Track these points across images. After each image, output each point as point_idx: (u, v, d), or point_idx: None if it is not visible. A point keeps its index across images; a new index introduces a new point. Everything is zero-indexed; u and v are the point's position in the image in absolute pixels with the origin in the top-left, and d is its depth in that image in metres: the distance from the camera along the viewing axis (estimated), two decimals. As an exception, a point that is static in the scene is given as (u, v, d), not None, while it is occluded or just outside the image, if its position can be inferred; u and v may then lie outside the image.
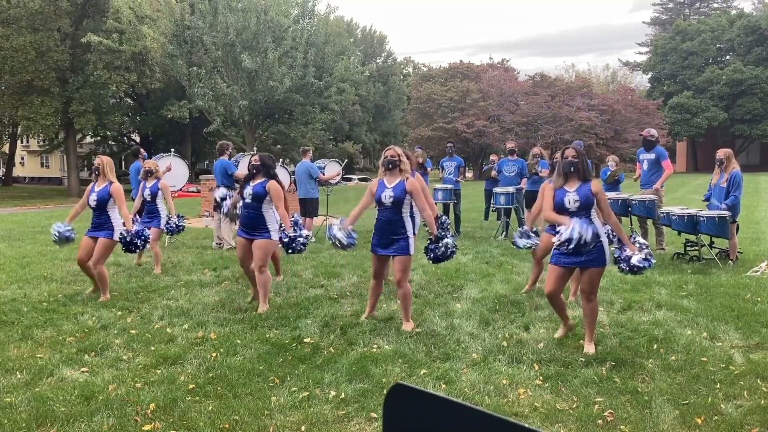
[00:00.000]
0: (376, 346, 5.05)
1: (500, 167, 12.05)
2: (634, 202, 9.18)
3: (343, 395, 4.05)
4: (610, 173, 11.04)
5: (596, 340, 4.96)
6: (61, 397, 4.03)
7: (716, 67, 49.26)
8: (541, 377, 4.34)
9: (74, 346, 5.09)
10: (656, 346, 4.94)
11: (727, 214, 8.18)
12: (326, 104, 32.40)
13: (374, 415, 3.76)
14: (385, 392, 1.92)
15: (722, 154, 8.66)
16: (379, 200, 5.50)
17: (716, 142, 43.21)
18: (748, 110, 46.45)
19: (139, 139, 43.58)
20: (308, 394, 4.08)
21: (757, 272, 7.74)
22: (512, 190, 11.27)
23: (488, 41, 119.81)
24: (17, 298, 6.81)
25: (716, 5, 62.40)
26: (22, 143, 55.36)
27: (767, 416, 3.70)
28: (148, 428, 3.62)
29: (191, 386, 4.21)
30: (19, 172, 58.74)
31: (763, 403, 3.88)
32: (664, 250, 9.45)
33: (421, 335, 5.31)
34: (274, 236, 6.21)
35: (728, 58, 51.33)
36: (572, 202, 4.74)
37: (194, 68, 27.87)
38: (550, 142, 42.54)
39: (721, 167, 8.62)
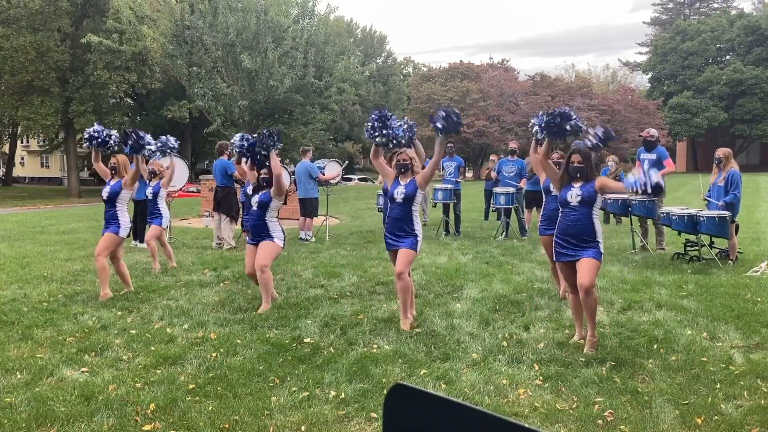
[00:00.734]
0: (376, 346, 5.05)
1: (500, 167, 12.06)
2: (634, 202, 9.19)
3: (343, 395, 4.05)
4: (609, 173, 11.05)
5: (597, 342, 4.95)
6: (61, 397, 4.03)
7: (716, 67, 49.24)
8: (541, 377, 4.34)
9: (74, 346, 5.09)
10: (656, 346, 4.94)
11: (727, 214, 8.19)
12: (326, 104, 32.37)
13: (374, 415, 3.76)
14: (385, 392, 1.92)
15: (721, 153, 8.67)
16: (391, 196, 5.75)
17: (716, 142, 43.15)
18: (748, 110, 46.44)
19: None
20: (308, 394, 4.08)
21: (757, 272, 7.74)
22: (512, 190, 11.27)
23: (488, 41, 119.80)
24: (17, 298, 6.81)
25: (716, 5, 62.40)
26: (22, 143, 55.37)
27: (767, 416, 3.71)
28: (148, 428, 3.62)
29: (191, 386, 4.22)
30: (19, 172, 58.75)
31: (763, 403, 3.88)
32: (664, 250, 9.45)
33: (421, 335, 5.32)
34: (278, 242, 6.40)
35: (728, 58, 51.31)
36: (574, 196, 4.95)
37: (194, 68, 27.86)
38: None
39: (719, 166, 8.63)
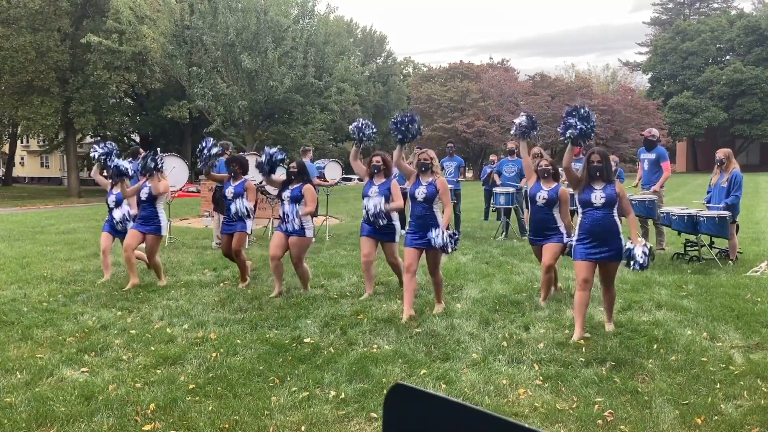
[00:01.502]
0: (376, 346, 5.05)
1: (500, 167, 12.06)
2: (634, 202, 9.17)
3: (343, 395, 4.05)
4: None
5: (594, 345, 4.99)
6: (61, 397, 4.03)
7: (716, 67, 49.24)
8: (541, 377, 4.34)
9: (74, 346, 5.09)
10: (656, 346, 4.94)
11: (727, 214, 8.18)
12: (326, 104, 32.41)
13: (374, 415, 3.76)
14: (385, 392, 1.92)
15: (722, 154, 8.65)
16: (412, 195, 6.03)
17: (716, 142, 43.20)
18: (748, 110, 46.44)
19: (139, 139, 43.55)
20: (308, 394, 4.08)
21: (757, 272, 7.74)
22: (512, 190, 11.27)
23: (488, 41, 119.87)
24: (17, 298, 6.81)
25: (716, 5, 62.40)
26: (22, 143, 55.37)
27: (767, 416, 3.71)
28: (148, 428, 3.62)
29: (191, 386, 4.22)
30: (19, 172, 58.75)
31: (763, 403, 3.88)
32: (664, 250, 9.45)
33: (421, 335, 5.32)
34: (308, 233, 6.84)
35: (728, 58, 51.32)
36: (599, 198, 5.22)
37: (194, 68, 27.86)
38: (550, 142, 42.56)
39: (720, 167, 8.62)
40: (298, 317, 5.88)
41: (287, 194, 6.86)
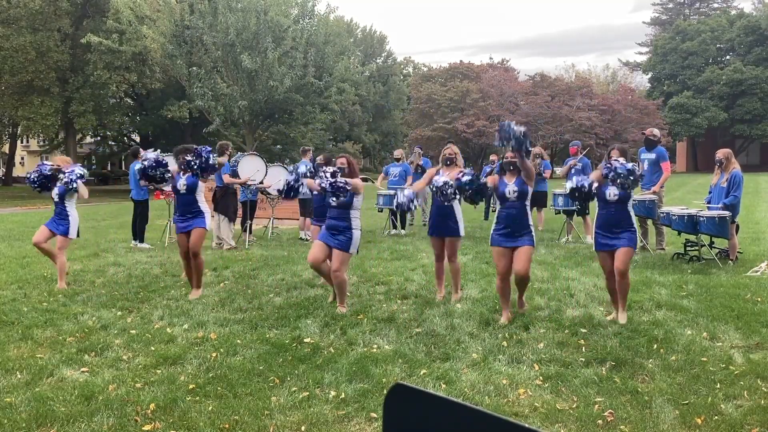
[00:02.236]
0: (376, 346, 5.05)
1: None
2: (634, 202, 9.16)
3: (343, 395, 4.05)
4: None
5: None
6: (61, 397, 4.03)
7: (716, 67, 49.22)
8: (541, 377, 4.34)
9: (74, 346, 5.09)
10: (656, 346, 4.94)
11: (727, 214, 8.18)
12: (326, 104, 32.41)
13: (374, 415, 3.76)
14: (385, 392, 1.92)
15: (722, 154, 8.65)
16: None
17: (716, 142, 43.19)
18: (748, 110, 46.42)
19: (139, 139, 43.53)
20: (308, 394, 4.08)
21: (757, 272, 7.73)
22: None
23: (488, 41, 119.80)
24: (17, 298, 6.81)
25: (716, 5, 62.39)
26: (22, 143, 55.35)
27: (767, 416, 3.70)
28: (148, 428, 3.62)
29: (191, 386, 4.22)
30: (19, 172, 58.70)
31: (763, 403, 3.88)
32: (664, 250, 9.45)
33: (421, 335, 5.32)
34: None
35: (728, 58, 51.30)
36: (612, 195, 5.64)
37: (194, 68, 27.86)
38: (550, 142, 42.57)
39: (720, 167, 8.62)
40: (298, 317, 5.88)
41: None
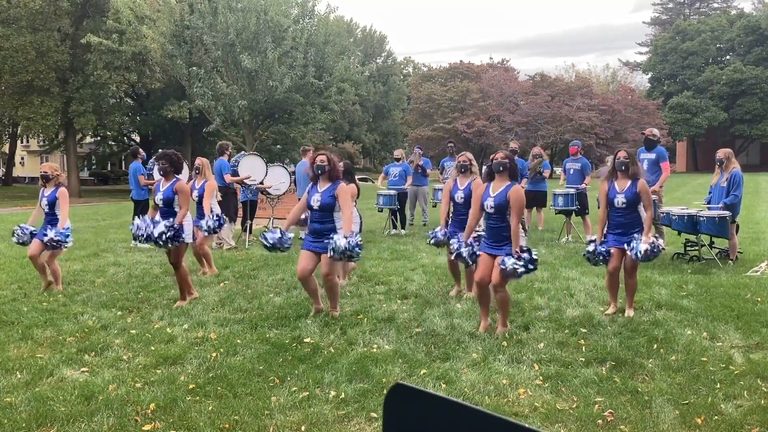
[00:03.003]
0: (376, 346, 5.05)
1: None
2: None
3: (343, 395, 4.05)
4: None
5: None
6: (61, 397, 4.03)
7: (716, 67, 49.23)
8: (541, 377, 4.34)
9: (74, 346, 5.09)
10: (656, 346, 4.94)
11: (727, 214, 8.18)
12: (326, 104, 32.38)
13: (374, 415, 3.76)
14: (385, 392, 1.92)
15: (722, 154, 8.65)
16: (453, 199, 6.10)
17: (716, 142, 43.18)
18: (748, 110, 46.42)
19: (139, 139, 43.53)
20: (308, 394, 4.08)
21: (757, 272, 7.73)
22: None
23: (488, 41, 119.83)
24: (17, 298, 6.82)
25: (716, 5, 62.39)
26: (22, 143, 55.32)
27: (767, 416, 3.71)
28: (148, 428, 3.62)
29: (191, 386, 4.22)
30: (19, 172, 58.69)
31: (763, 403, 3.88)
32: (664, 249, 9.44)
33: (421, 335, 5.32)
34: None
35: (728, 58, 51.31)
36: (620, 203, 5.79)
37: (194, 68, 27.85)
38: (550, 142, 42.54)
39: (721, 167, 8.62)
40: (298, 317, 5.88)
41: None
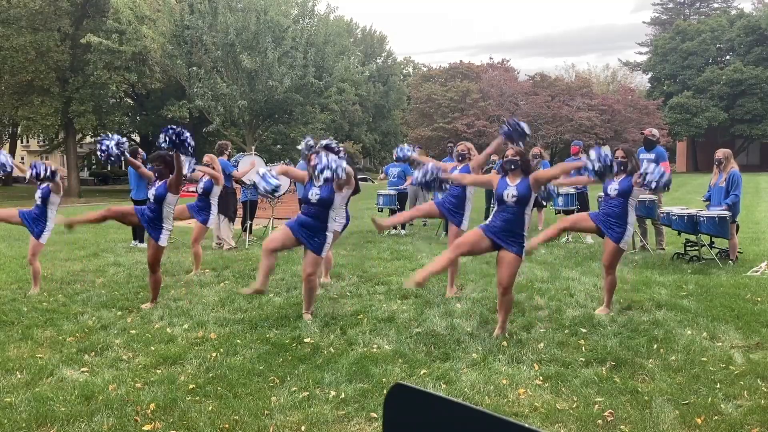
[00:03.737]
0: (376, 346, 5.05)
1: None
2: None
3: (343, 395, 4.05)
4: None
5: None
6: (61, 397, 4.03)
7: (716, 67, 49.24)
8: (541, 377, 4.34)
9: (74, 346, 5.09)
10: (656, 346, 4.94)
11: (727, 214, 8.18)
12: (326, 104, 32.38)
13: (374, 415, 3.76)
14: (385, 392, 1.92)
15: (721, 154, 8.66)
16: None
17: (716, 142, 43.16)
18: (748, 110, 46.42)
19: (139, 139, 43.54)
20: (308, 394, 4.08)
21: (757, 272, 7.73)
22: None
23: (488, 41, 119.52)
24: (17, 298, 6.81)
25: (716, 5, 62.36)
26: (22, 143, 55.30)
27: (767, 416, 3.70)
28: (148, 428, 3.62)
29: (191, 386, 4.22)
30: (19, 172, 58.60)
31: (763, 403, 3.88)
32: (664, 250, 9.45)
33: (421, 335, 5.31)
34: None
35: (728, 58, 51.31)
36: (612, 190, 5.91)
37: (194, 68, 27.85)
38: (550, 142, 42.56)
39: (719, 167, 8.62)
40: (298, 317, 5.88)
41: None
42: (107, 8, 31.22)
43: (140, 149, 11.55)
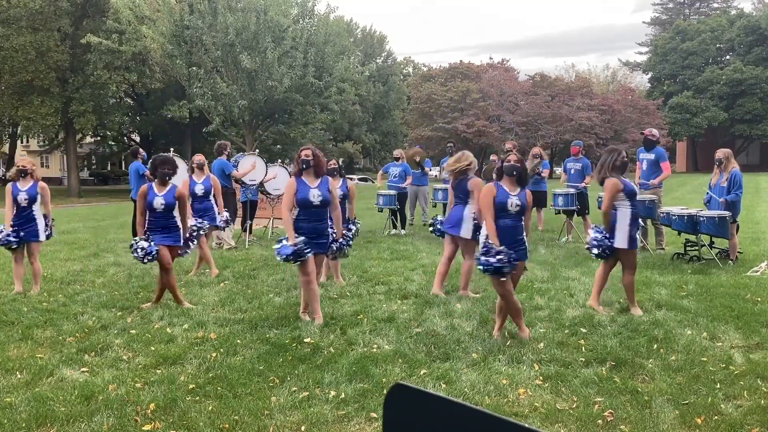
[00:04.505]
0: (376, 346, 5.05)
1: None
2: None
3: (343, 395, 4.05)
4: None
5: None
6: (61, 397, 4.03)
7: (716, 67, 49.29)
8: (541, 377, 4.34)
9: (74, 346, 5.09)
10: (656, 346, 4.94)
11: (727, 214, 8.18)
12: (326, 104, 32.39)
13: (374, 415, 3.76)
14: (385, 392, 1.92)
15: (721, 154, 8.66)
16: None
17: (716, 142, 43.20)
18: (748, 110, 46.48)
19: (139, 139, 43.55)
20: (308, 394, 4.08)
21: (757, 272, 7.73)
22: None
23: (489, 41, 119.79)
24: (17, 298, 6.81)
25: (716, 5, 62.42)
26: (22, 143, 55.28)
27: (767, 416, 3.71)
28: (148, 428, 3.62)
29: (191, 386, 4.22)
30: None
31: (763, 403, 3.88)
32: (664, 250, 9.45)
33: (421, 335, 5.31)
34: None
35: (728, 58, 51.37)
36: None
37: (194, 68, 27.86)
38: (550, 142, 42.56)
39: (720, 167, 8.62)
40: (298, 317, 5.88)
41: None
42: (107, 8, 31.23)
43: (141, 149, 11.56)
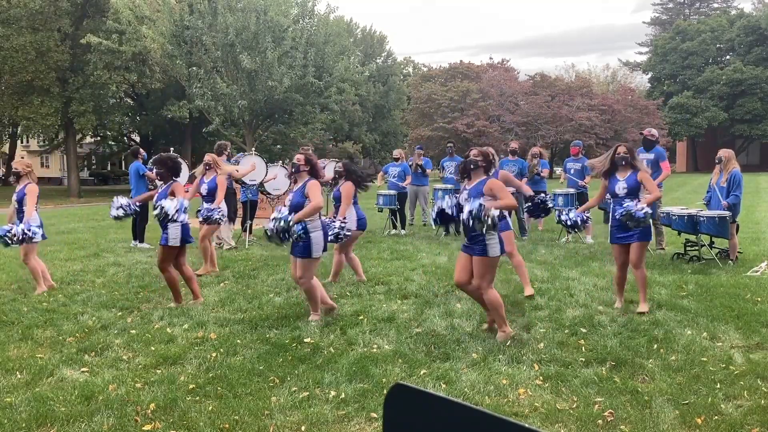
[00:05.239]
0: (376, 346, 5.05)
1: (501, 167, 12.06)
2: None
3: (343, 395, 4.05)
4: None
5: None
6: (61, 397, 4.03)
7: (716, 67, 49.28)
8: (541, 377, 4.34)
9: (74, 346, 5.09)
10: (656, 346, 4.94)
11: (727, 214, 8.18)
12: (326, 104, 32.36)
13: (374, 415, 3.76)
14: (385, 392, 1.92)
15: (723, 153, 8.67)
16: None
17: (716, 142, 43.22)
18: (748, 110, 46.46)
19: (139, 139, 43.54)
20: (308, 394, 4.08)
21: (757, 272, 7.73)
22: (512, 189, 11.26)
23: (489, 41, 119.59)
24: (17, 298, 6.82)
25: (716, 5, 62.40)
26: (22, 143, 55.30)
27: (767, 416, 3.71)
28: (148, 428, 3.62)
29: (191, 386, 4.22)
30: None
31: (763, 403, 3.88)
32: (664, 250, 9.45)
33: (421, 335, 5.32)
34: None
35: (728, 58, 51.36)
36: (621, 189, 5.92)
37: (194, 68, 27.85)
38: (550, 142, 42.56)
39: (720, 165, 8.63)
40: (298, 317, 5.88)
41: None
42: (107, 8, 31.22)
43: (141, 149, 11.56)
